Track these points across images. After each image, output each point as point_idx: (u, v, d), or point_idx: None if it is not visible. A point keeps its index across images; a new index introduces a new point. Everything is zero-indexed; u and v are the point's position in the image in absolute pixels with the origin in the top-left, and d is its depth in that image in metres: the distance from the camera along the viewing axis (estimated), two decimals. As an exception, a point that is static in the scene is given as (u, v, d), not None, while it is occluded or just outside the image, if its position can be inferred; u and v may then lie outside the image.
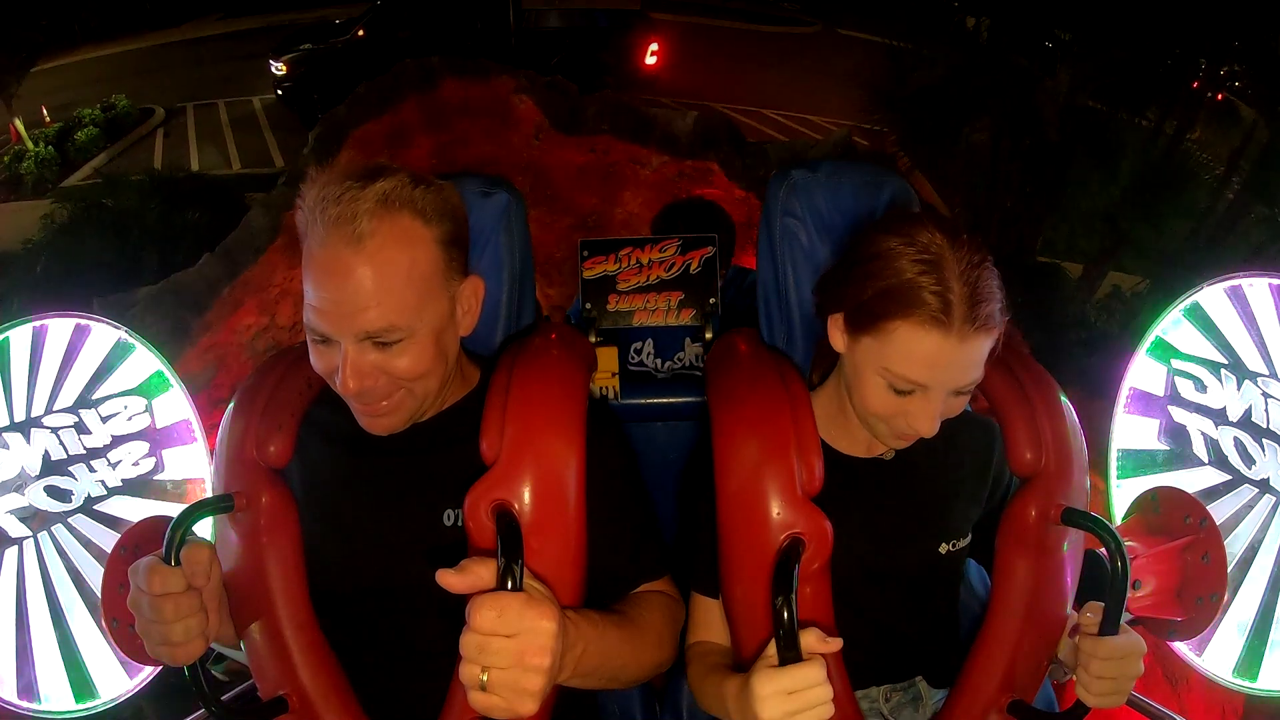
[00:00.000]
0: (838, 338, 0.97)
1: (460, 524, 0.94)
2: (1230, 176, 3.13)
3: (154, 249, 3.48)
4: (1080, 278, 3.22)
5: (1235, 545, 1.44)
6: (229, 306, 2.86)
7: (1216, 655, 1.43)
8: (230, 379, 2.87)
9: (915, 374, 0.89)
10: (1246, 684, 1.42)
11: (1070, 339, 2.83)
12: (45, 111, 9.22)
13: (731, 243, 1.93)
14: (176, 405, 1.57)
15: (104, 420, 1.51)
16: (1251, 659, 1.41)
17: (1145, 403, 1.56)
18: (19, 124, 8.37)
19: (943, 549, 1.06)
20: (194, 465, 1.58)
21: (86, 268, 2.85)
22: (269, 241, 2.96)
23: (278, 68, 8.88)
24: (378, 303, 0.85)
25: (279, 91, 9.04)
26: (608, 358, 1.31)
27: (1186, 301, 1.50)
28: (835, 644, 0.84)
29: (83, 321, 1.51)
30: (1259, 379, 1.44)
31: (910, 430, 0.93)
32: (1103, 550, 0.94)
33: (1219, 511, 1.44)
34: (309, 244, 0.86)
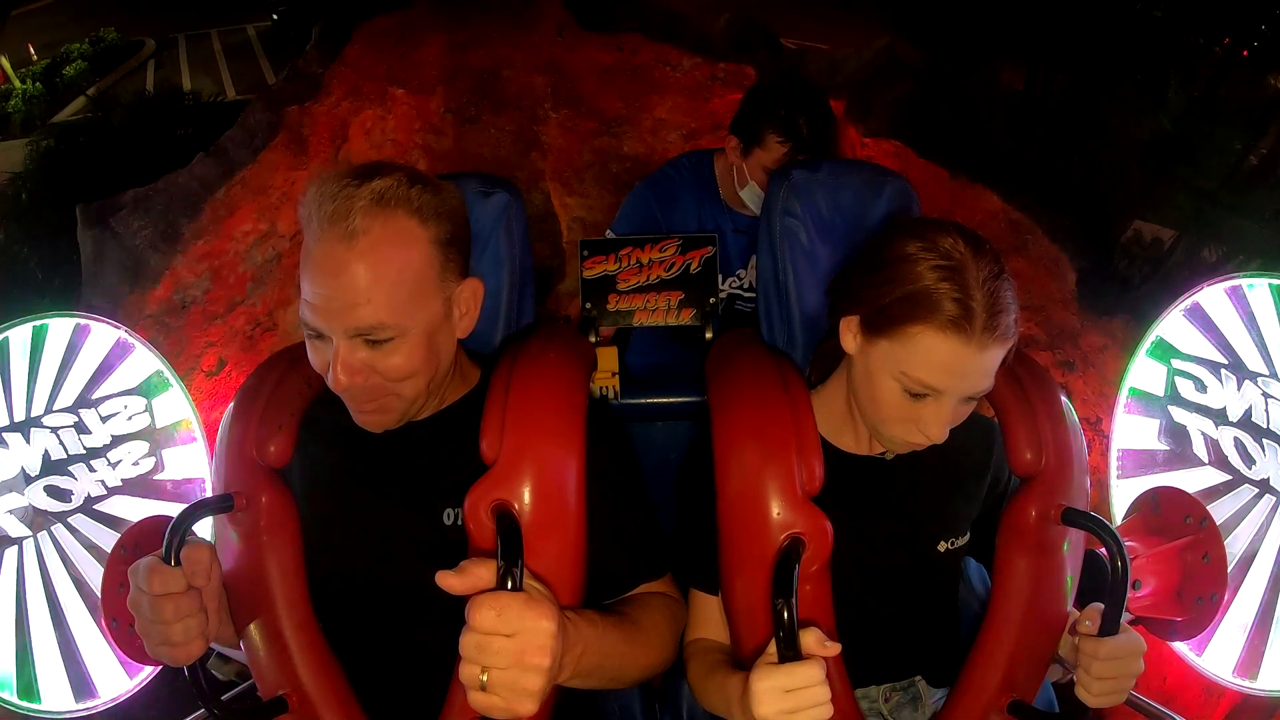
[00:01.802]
0: (850, 340, 0.97)
1: (459, 522, 0.94)
2: (1272, 117, 2.95)
3: (146, 168, 3.19)
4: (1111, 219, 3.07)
5: (1235, 545, 1.44)
6: (224, 210, 2.68)
7: (1216, 655, 1.43)
8: (227, 292, 2.71)
9: (932, 379, 0.89)
10: (1247, 684, 1.42)
11: (1120, 265, 2.72)
12: (32, 50, 9.02)
13: (834, 136, 1.68)
14: (176, 405, 1.58)
15: (104, 420, 1.52)
16: (1251, 659, 1.41)
17: (1145, 403, 1.56)
18: (4, 62, 8.14)
19: (941, 547, 1.06)
20: (194, 465, 1.58)
21: (74, 191, 2.67)
22: (268, 139, 2.77)
23: None
24: (368, 300, 0.85)
25: (274, 16, 8.86)
26: (608, 358, 1.31)
27: (1186, 301, 1.50)
28: (834, 648, 0.84)
29: (83, 321, 1.51)
30: (1259, 379, 1.44)
31: (920, 436, 0.94)
32: (1103, 550, 0.94)
33: (1219, 511, 1.44)
34: (306, 240, 0.86)
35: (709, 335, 1.32)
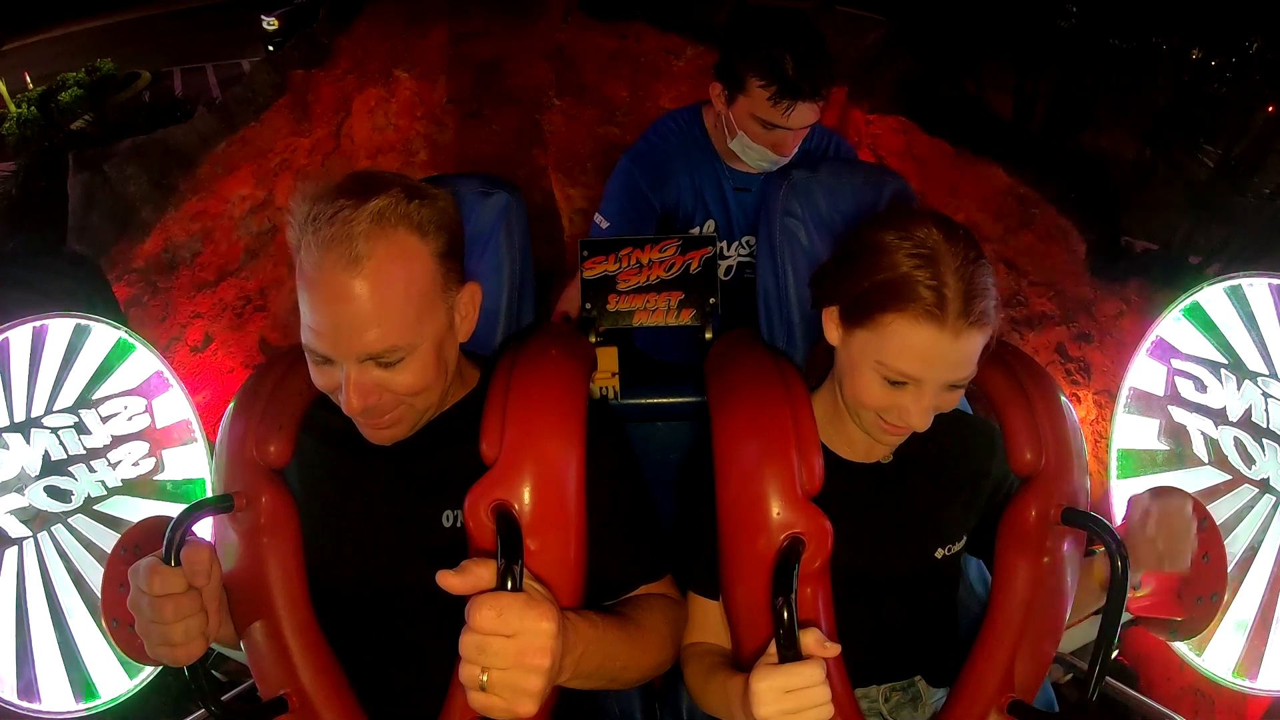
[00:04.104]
0: (832, 331, 0.98)
1: (459, 524, 0.94)
2: (1263, 101, 2.87)
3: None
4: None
5: (1235, 545, 1.44)
6: (222, 167, 2.62)
7: (1216, 655, 1.43)
8: (219, 258, 2.64)
9: (909, 367, 0.89)
10: (1246, 684, 1.42)
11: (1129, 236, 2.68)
12: (29, 79, 9.16)
13: (827, 70, 1.45)
14: (176, 405, 1.58)
15: (104, 420, 1.52)
16: (1251, 659, 1.42)
17: (1145, 403, 1.56)
18: (0, 86, 8.27)
19: (939, 554, 1.06)
20: (194, 465, 1.58)
21: (64, 190, 2.55)
22: (272, 99, 2.74)
23: (269, 22, 8.79)
24: (378, 324, 0.84)
25: (269, 48, 8.85)
26: (608, 358, 1.31)
27: (1186, 301, 1.50)
28: (834, 649, 0.83)
29: (83, 321, 1.51)
30: (1259, 379, 1.44)
31: (901, 423, 0.93)
32: (1103, 550, 0.94)
33: (1219, 511, 1.44)
34: (302, 264, 0.84)
35: (709, 335, 1.32)
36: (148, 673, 1.47)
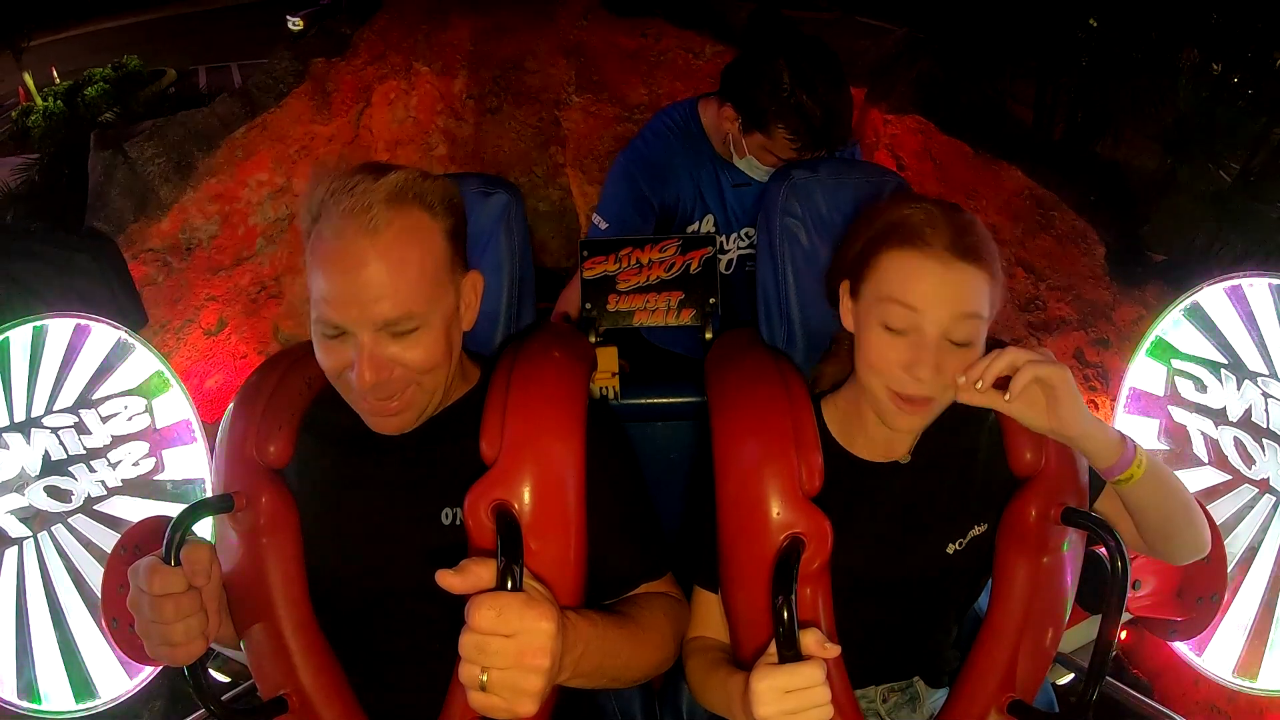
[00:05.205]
0: (847, 314, 0.99)
1: (459, 523, 0.94)
2: None
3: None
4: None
5: (1235, 545, 1.44)
6: (241, 151, 2.68)
7: (1216, 655, 1.43)
8: (235, 243, 2.69)
9: (907, 296, 0.90)
10: (1246, 684, 1.42)
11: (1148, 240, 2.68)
12: (55, 74, 9.23)
13: (850, 116, 1.48)
14: (176, 405, 1.58)
15: (104, 420, 1.52)
16: (1251, 659, 1.42)
17: (1145, 403, 1.56)
18: (28, 79, 8.32)
19: (950, 549, 1.05)
20: (194, 465, 1.58)
21: (85, 175, 2.63)
22: (294, 85, 2.81)
23: (294, 23, 8.85)
24: (394, 291, 0.85)
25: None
26: (608, 358, 1.31)
27: (1186, 301, 1.50)
28: (834, 650, 0.83)
29: (83, 321, 1.52)
30: (1259, 379, 1.44)
31: (914, 391, 0.91)
32: (1102, 550, 0.94)
33: (1219, 511, 1.45)
34: (320, 234, 0.86)
35: (709, 335, 1.32)
36: (148, 673, 1.47)
